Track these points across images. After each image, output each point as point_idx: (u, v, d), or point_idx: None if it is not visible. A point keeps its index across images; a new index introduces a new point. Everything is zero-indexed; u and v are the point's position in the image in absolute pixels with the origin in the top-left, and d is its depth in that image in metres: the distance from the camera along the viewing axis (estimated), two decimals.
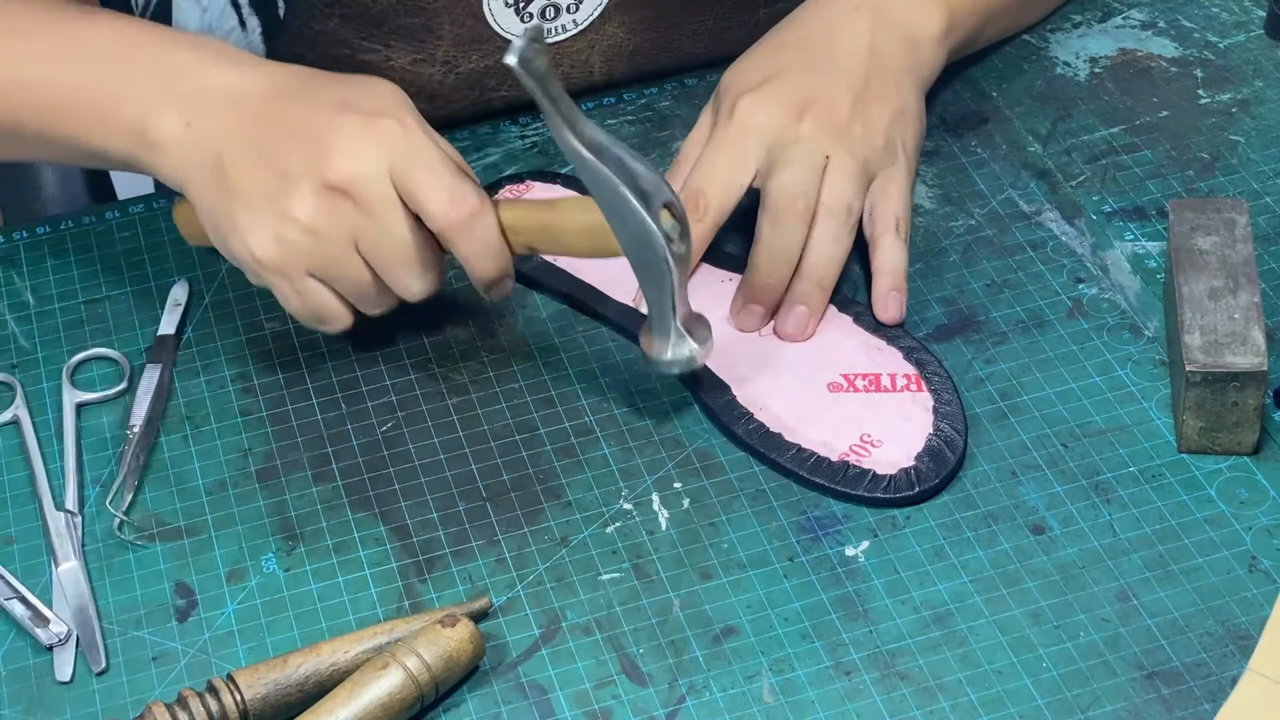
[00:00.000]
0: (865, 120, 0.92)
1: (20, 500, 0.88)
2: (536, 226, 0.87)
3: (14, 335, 0.96)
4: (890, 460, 0.85)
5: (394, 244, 0.84)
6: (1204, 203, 0.91)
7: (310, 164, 0.84)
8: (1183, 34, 1.09)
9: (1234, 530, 0.83)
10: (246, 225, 0.85)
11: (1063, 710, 0.76)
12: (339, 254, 0.85)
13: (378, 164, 0.84)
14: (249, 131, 0.86)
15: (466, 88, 1.03)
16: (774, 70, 0.93)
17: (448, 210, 0.84)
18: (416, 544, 0.85)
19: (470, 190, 0.85)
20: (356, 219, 0.84)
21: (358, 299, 0.87)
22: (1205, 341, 0.84)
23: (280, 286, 0.86)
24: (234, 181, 0.85)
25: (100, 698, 0.80)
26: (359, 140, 0.84)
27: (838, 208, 0.90)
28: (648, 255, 0.83)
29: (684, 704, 0.78)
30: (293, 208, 0.84)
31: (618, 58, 1.05)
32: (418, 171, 0.84)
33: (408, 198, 0.84)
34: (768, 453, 0.86)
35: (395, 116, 0.85)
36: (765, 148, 0.91)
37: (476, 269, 0.86)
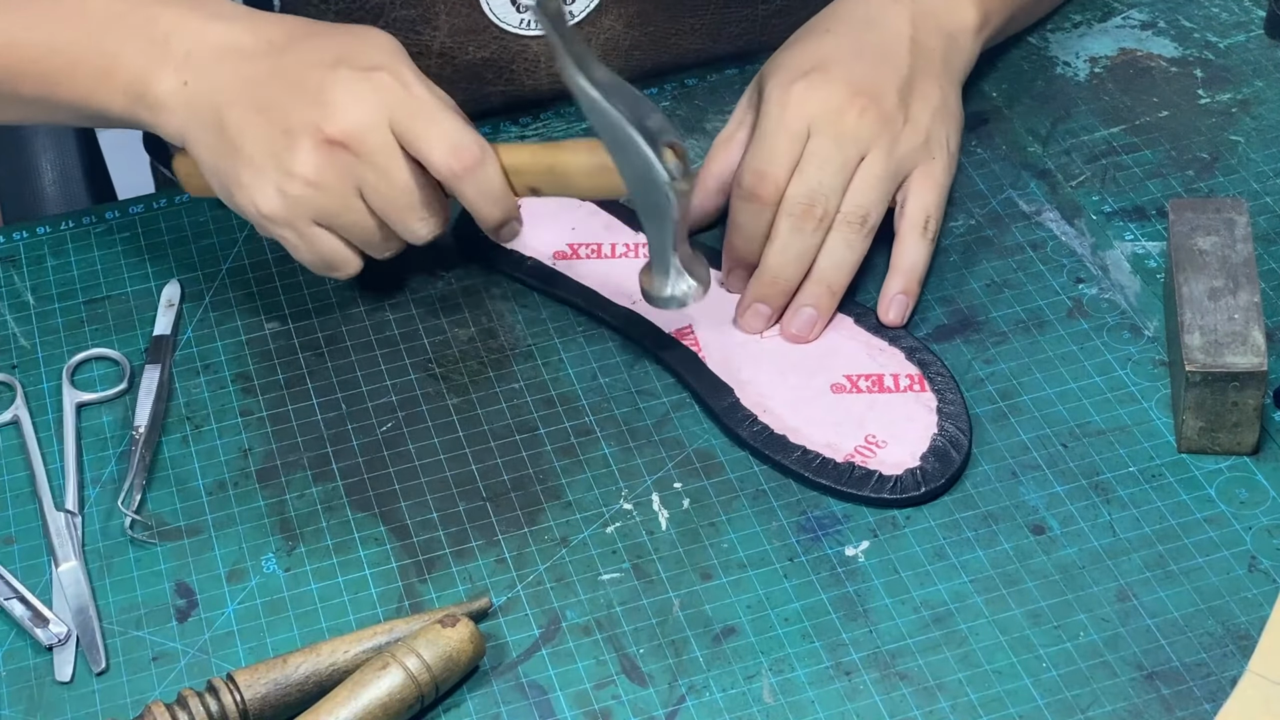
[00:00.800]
0: (909, 115, 0.92)
1: (20, 500, 0.88)
2: (540, 168, 0.88)
3: (14, 335, 0.96)
4: (896, 461, 0.85)
5: (397, 191, 0.86)
6: (1204, 203, 0.91)
7: (310, 119, 0.86)
8: (1183, 34, 1.09)
9: (1234, 530, 0.83)
10: (250, 181, 0.87)
11: (1063, 710, 0.76)
12: (343, 204, 0.87)
13: (377, 115, 0.86)
14: (247, 88, 0.87)
15: (464, 81, 1.03)
16: (822, 58, 0.93)
17: (450, 159, 0.86)
18: (416, 544, 0.85)
19: (471, 138, 0.87)
20: (359, 169, 0.86)
21: (365, 244, 0.89)
22: (1205, 341, 0.85)
23: (288, 237, 0.88)
24: (235, 139, 0.87)
25: (100, 698, 0.80)
26: (357, 93, 0.86)
27: (855, 216, 0.90)
28: (651, 192, 0.85)
29: (684, 704, 0.78)
30: (295, 163, 0.86)
31: (615, 53, 1.05)
32: (417, 122, 0.86)
33: (409, 147, 0.86)
34: (773, 455, 0.86)
35: (391, 68, 0.87)
36: (813, 134, 0.91)
37: (482, 213, 0.88)
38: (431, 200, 0.88)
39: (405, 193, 0.87)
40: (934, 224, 0.92)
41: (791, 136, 0.91)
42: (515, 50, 1.03)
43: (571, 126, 1.06)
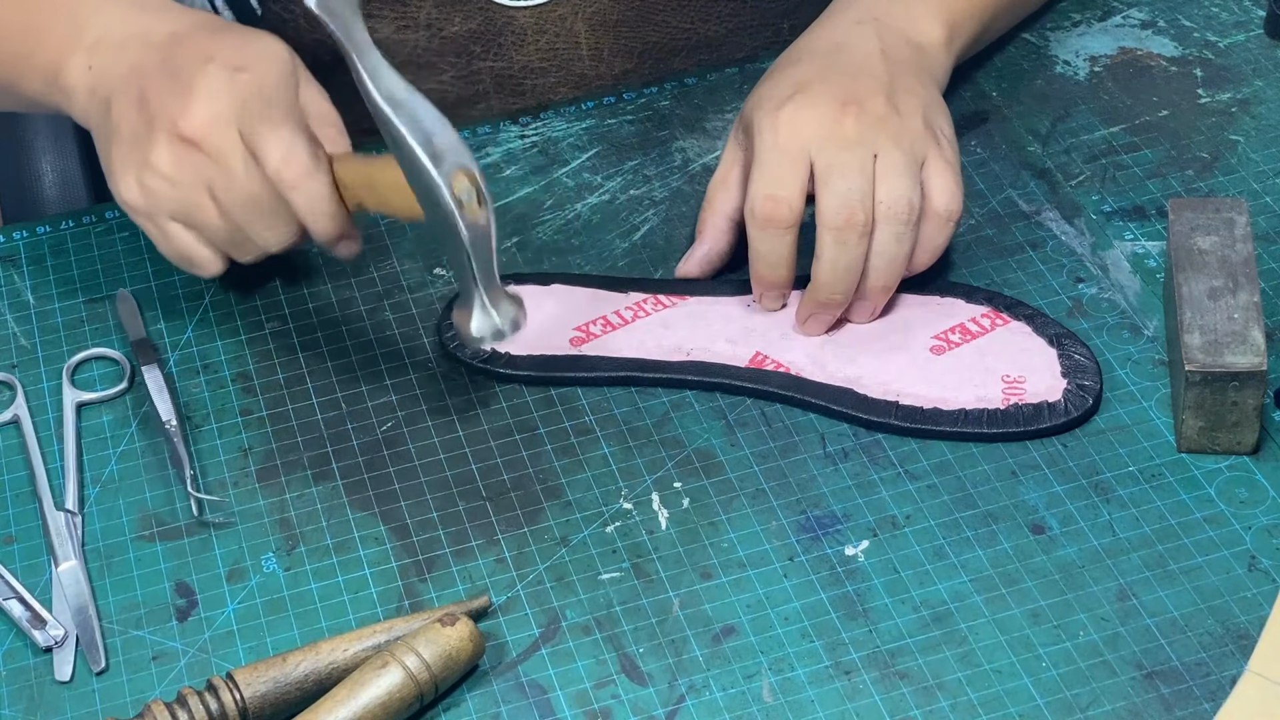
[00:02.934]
0: (900, 111, 0.92)
1: (20, 500, 0.88)
2: (362, 183, 0.87)
3: (14, 335, 0.96)
4: (1046, 388, 0.87)
5: (242, 196, 0.87)
6: (1204, 202, 0.91)
7: (170, 114, 0.87)
8: (1182, 33, 1.09)
9: (1233, 530, 0.83)
10: (118, 169, 0.88)
11: (1062, 709, 0.77)
12: (196, 201, 0.87)
13: (226, 118, 0.86)
14: (134, 76, 0.89)
15: (453, 55, 1.03)
16: (801, 82, 0.93)
17: (279, 168, 0.86)
18: (416, 543, 0.85)
19: (301, 149, 0.86)
20: (209, 169, 0.87)
21: (221, 245, 0.89)
22: (1205, 341, 0.85)
23: (149, 229, 0.90)
24: (115, 124, 0.88)
25: (100, 697, 0.80)
26: (214, 93, 0.86)
27: (900, 207, 0.89)
28: (439, 217, 0.83)
29: (684, 703, 0.78)
30: (152, 155, 0.87)
31: (603, 27, 1.05)
32: (259, 126, 0.86)
33: (250, 151, 0.86)
34: (937, 427, 0.86)
35: (257, 70, 0.87)
36: (815, 152, 0.90)
37: (310, 227, 0.88)
38: (279, 207, 0.87)
39: (249, 196, 0.86)
40: (957, 208, 0.91)
41: (792, 158, 0.90)
42: (502, 22, 1.04)
43: (572, 126, 1.06)
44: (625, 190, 1.02)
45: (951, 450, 0.87)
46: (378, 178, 0.86)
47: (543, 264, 0.98)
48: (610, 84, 1.10)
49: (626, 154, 1.04)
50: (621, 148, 1.05)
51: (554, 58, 1.04)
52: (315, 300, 0.97)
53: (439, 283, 0.97)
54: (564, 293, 0.94)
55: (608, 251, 0.99)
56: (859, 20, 0.97)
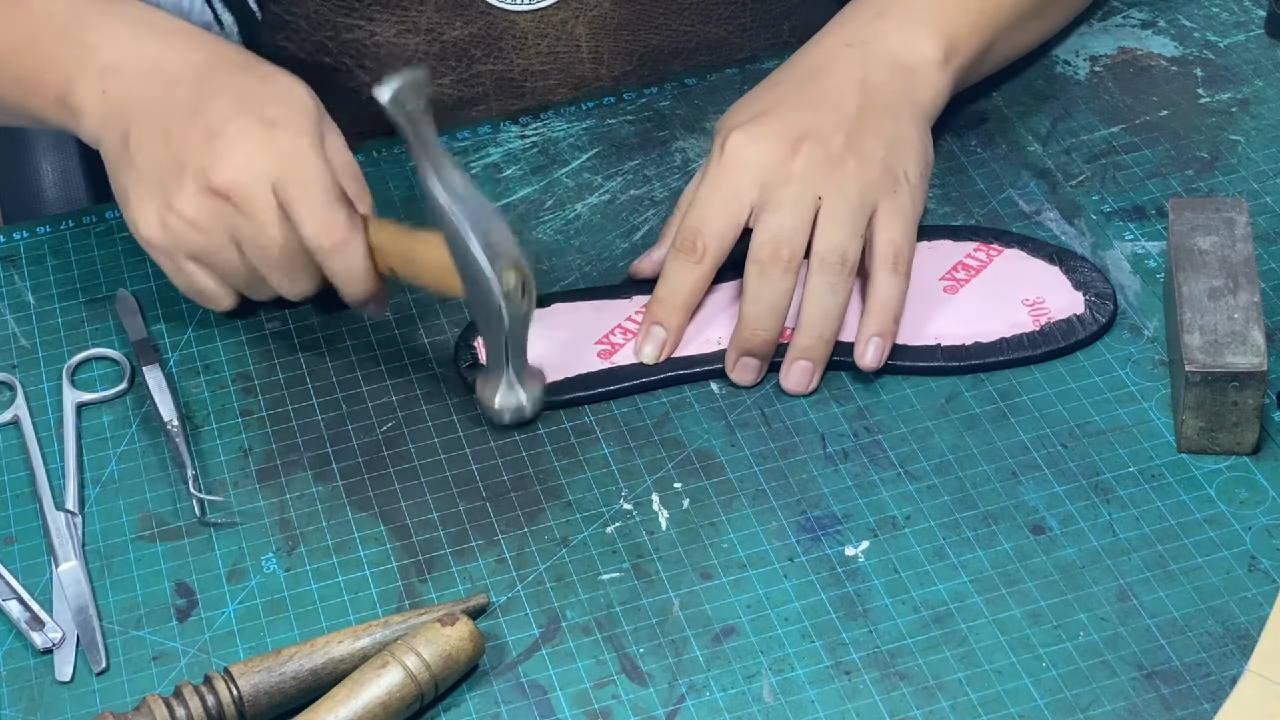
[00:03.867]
0: (859, 153, 0.91)
1: (21, 500, 0.88)
2: (399, 253, 0.89)
3: (14, 335, 0.96)
4: (1067, 304, 0.90)
5: (270, 249, 0.88)
6: (1204, 202, 0.91)
7: (201, 161, 0.87)
8: (1183, 33, 1.09)
9: (1234, 530, 0.83)
10: (137, 202, 0.89)
11: (1062, 710, 0.77)
12: (218, 247, 0.89)
13: (261, 174, 0.87)
14: (157, 109, 0.89)
15: (453, 58, 1.03)
16: (765, 107, 0.93)
17: (318, 235, 0.87)
18: (417, 544, 0.85)
19: (340, 217, 0.87)
20: (237, 221, 0.88)
21: (238, 287, 0.91)
22: (1205, 341, 0.85)
23: (164, 264, 0.91)
24: (134, 155, 0.89)
25: (100, 697, 0.80)
26: (248, 148, 0.87)
27: (832, 258, 0.88)
28: (486, 306, 0.86)
29: (684, 704, 0.78)
30: (178, 200, 0.88)
31: (603, 31, 1.05)
32: (295, 189, 0.87)
33: (285, 212, 0.87)
34: (985, 360, 0.89)
35: (291, 128, 0.88)
36: (757, 186, 0.90)
37: (343, 290, 0.90)
38: (304, 262, 0.89)
39: (279, 252, 0.88)
40: (904, 259, 0.90)
41: (724, 192, 0.90)
42: (503, 26, 1.04)
43: (572, 126, 1.06)
44: (625, 190, 1.02)
45: (952, 451, 0.87)
46: (419, 254, 0.88)
47: (542, 263, 0.98)
48: (610, 86, 1.10)
49: (627, 154, 1.04)
50: (622, 148, 1.05)
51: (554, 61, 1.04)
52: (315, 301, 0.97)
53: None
54: (567, 310, 0.94)
55: (608, 251, 0.99)
56: (848, 43, 0.96)
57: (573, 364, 0.91)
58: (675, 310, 0.90)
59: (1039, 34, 1.06)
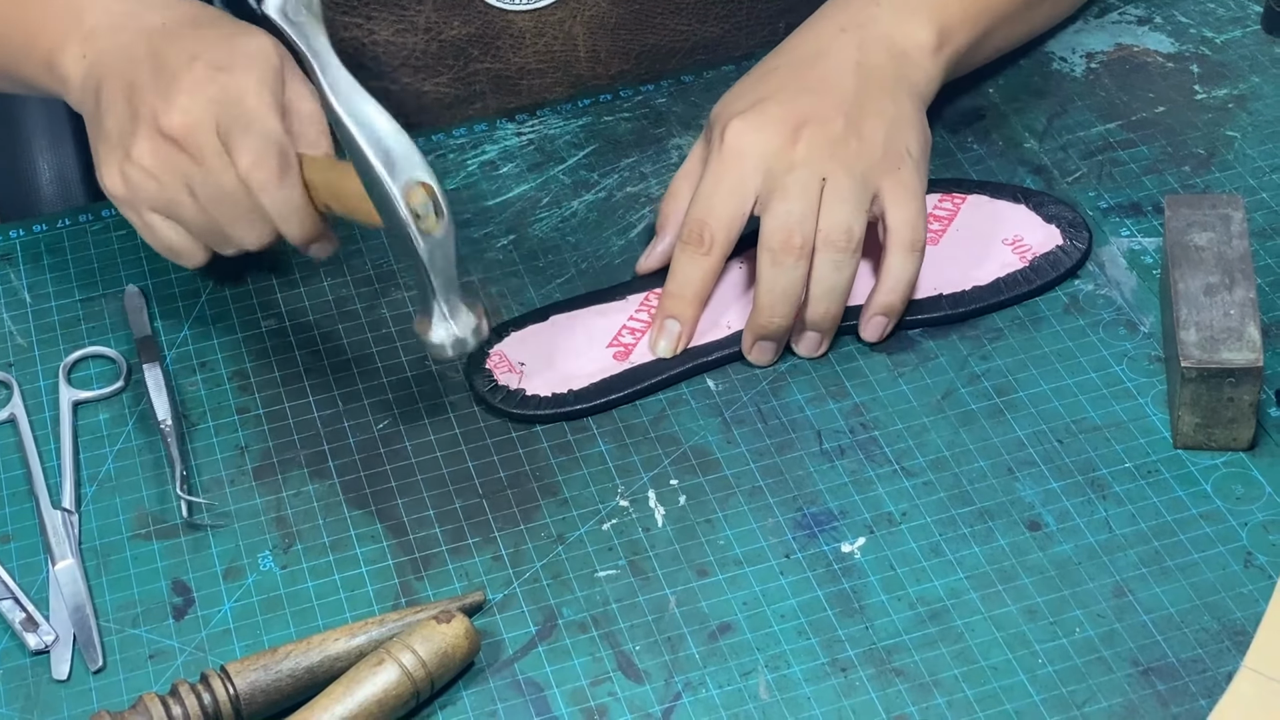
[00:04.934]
0: (860, 134, 0.91)
1: (17, 498, 0.88)
2: (329, 185, 0.87)
3: (10, 333, 0.96)
4: (1044, 239, 0.94)
5: (221, 194, 0.87)
6: (1200, 199, 0.91)
7: (153, 110, 0.88)
8: (1179, 29, 1.09)
9: (1229, 526, 0.83)
10: (103, 159, 0.90)
11: (1058, 706, 0.77)
12: (176, 197, 0.88)
13: (205, 117, 0.87)
14: (124, 66, 0.90)
15: (450, 57, 1.03)
16: (763, 94, 0.93)
17: (249, 170, 0.87)
18: (413, 541, 0.85)
19: (271, 152, 0.86)
20: (187, 166, 0.88)
21: (203, 239, 0.90)
22: (1201, 337, 0.85)
23: (131, 218, 0.91)
24: (102, 113, 0.90)
25: (97, 696, 0.80)
26: (195, 93, 0.87)
27: (837, 235, 0.89)
28: (394, 226, 0.83)
29: (680, 701, 0.78)
30: (134, 149, 0.88)
31: (601, 30, 1.05)
32: (234, 128, 0.87)
33: (227, 152, 0.87)
34: (987, 301, 0.91)
35: (240, 72, 0.88)
36: (761, 174, 0.90)
37: (280, 228, 0.89)
38: (255, 209, 0.88)
39: (229, 196, 0.87)
40: (922, 239, 0.90)
41: (729, 182, 0.90)
42: (500, 26, 1.04)
43: (569, 123, 1.06)
44: (622, 187, 1.02)
45: (948, 447, 0.87)
46: (344, 184, 0.85)
47: (538, 260, 0.98)
48: (607, 85, 1.10)
49: (623, 151, 1.04)
50: (618, 145, 1.05)
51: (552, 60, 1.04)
52: (312, 299, 0.97)
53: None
54: (568, 320, 0.93)
55: (604, 249, 0.99)
56: (843, 27, 0.96)
57: (592, 370, 0.90)
58: (688, 303, 0.91)
59: (1033, 28, 1.06)
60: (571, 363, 0.90)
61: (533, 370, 0.89)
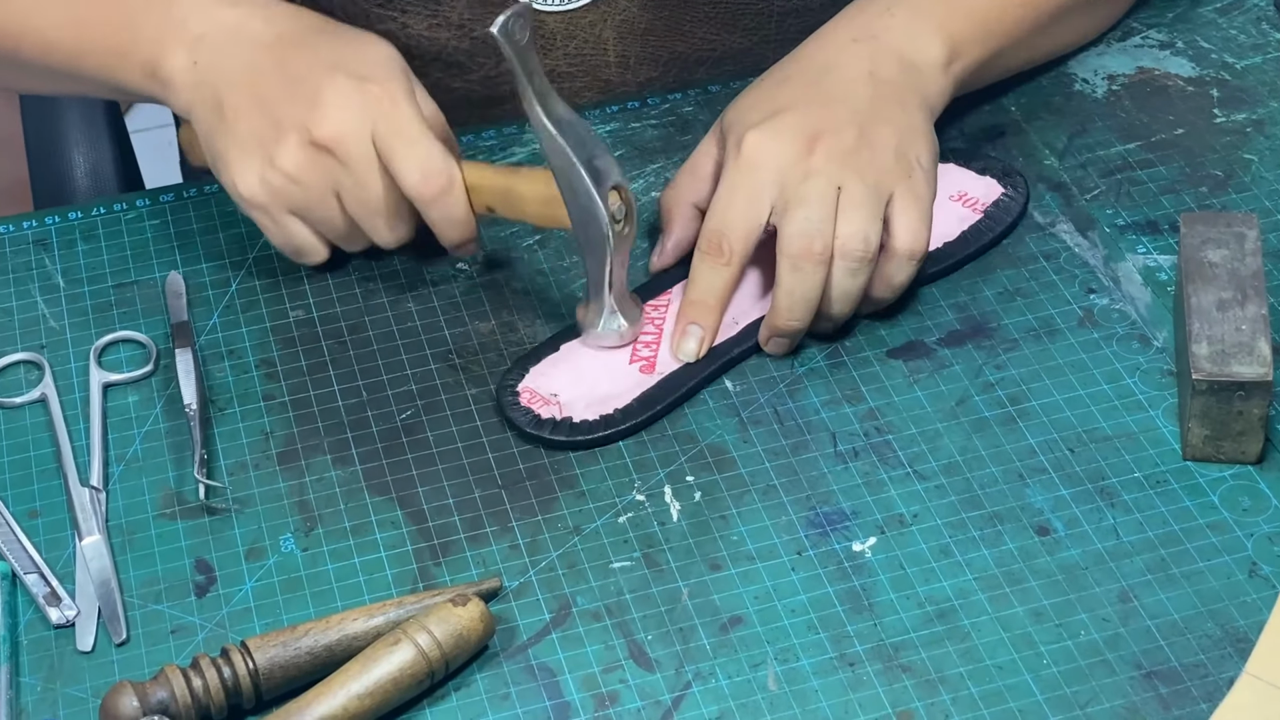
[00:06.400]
0: (872, 143, 0.93)
1: (46, 475, 0.90)
2: (497, 189, 0.92)
3: (44, 316, 0.98)
4: (989, 190, 0.99)
5: (370, 199, 0.92)
6: (1215, 216, 0.92)
7: (300, 118, 0.91)
8: (1200, 54, 1.10)
9: (1236, 536, 0.84)
10: (237, 164, 0.92)
11: (1061, 706, 0.78)
12: (319, 201, 0.92)
13: (361, 127, 0.91)
14: (249, 75, 0.92)
15: (483, 55, 1.05)
16: (778, 106, 0.95)
17: (419, 184, 0.91)
18: (432, 528, 0.86)
19: (440, 165, 0.91)
20: (338, 173, 0.91)
21: (335, 238, 0.94)
22: (1212, 351, 0.86)
23: (262, 220, 0.94)
24: (231, 120, 0.92)
25: (119, 668, 0.81)
26: (347, 103, 0.91)
27: (854, 244, 0.91)
28: (592, 229, 0.89)
29: (690, 690, 0.79)
30: (279, 156, 0.91)
31: (631, 35, 1.07)
32: (395, 141, 0.91)
33: (386, 163, 0.91)
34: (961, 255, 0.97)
35: (384, 82, 0.92)
36: (777, 185, 0.92)
37: (443, 235, 0.94)
38: (403, 210, 0.93)
39: (378, 201, 0.92)
40: (921, 247, 0.92)
41: (750, 194, 0.92)
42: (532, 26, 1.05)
43: (596, 128, 1.07)
44: (647, 192, 1.04)
45: (960, 452, 0.88)
46: (520, 189, 0.92)
47: (564, 260, 0.99)
48: (635, 91, 1.11)
49: (649, 157, 1.06)
50: (645, 151, 1.06)
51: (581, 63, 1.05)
52: (339, 290, 0.98)
53: (461, 277, 0.99)
54: (579, 344, 0.93)
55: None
56: (855, 38, 0.98)
57: (628, 386, 0.91)
58: (710, 310, 0.93)
59: (1045, 51, 1.08)
60: (604, 384, 0.91)
61: (569, 399, 0.90)
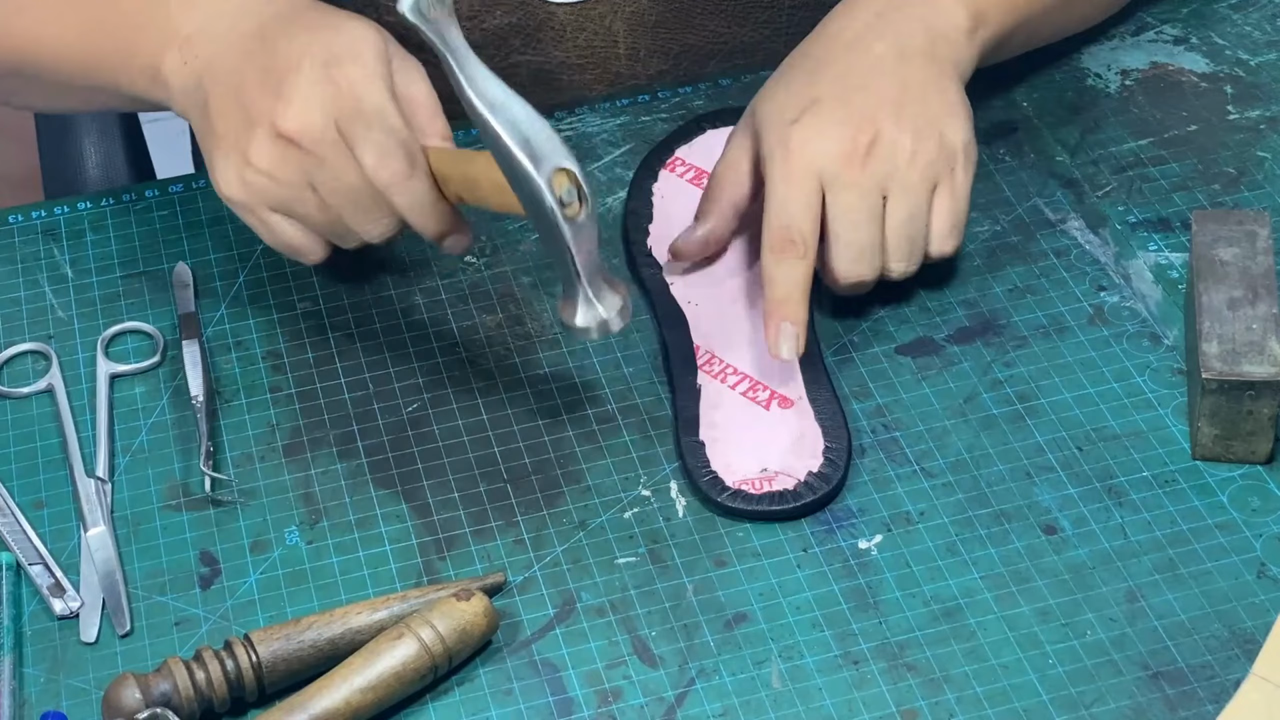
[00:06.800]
0: (915, 130, 0.93)
1: (52, 466, 0.90)
2: (461, 177, 0.87)
3: (52, 306, 0.98)
4: None
5: (345, 190, 0.87)
6: (1227, 214, 0.92)
7: (267, 111, 0.87)
8: (1214, 50, 1.10)
9: (1244, 537, 0.83)
10: (218, 163, 0.89)
11: (1067, 706, 0.77)
12: (297, 195, 0.88)
13: (324, 115, 0.86)
14: (229, 70, 0.89)
15: (491, 47, 1.05)
16: (811, 97, 0.94)
17: (375, 169, 0.86)
18: (437, 522, 0.86)
19: (395, 149, 0.86)
20: (309, 165, 0.87)
21: (325, 235, 0.90)
22: (1223, 350, 0.85)
23: (251, 221, 0.90)
24: (213, 119, 0.89)
25: (122, 659, 0.81)
26: (310, 91, 0.87)
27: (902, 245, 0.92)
28: (540, 216, 0.83)
29: (693, 686, 0.79)
30: (252, 153, 0.88)
31: (641, 28, 1.06)
32: (355, 126, 0.86)
33: (349, 148, 0.87)
34: None
35: (351, 64, 0.87)
36: (826, 185, 0.92)
37: (413, 224, 0.88)
38: (380, 201, 0.88)
39: (352, 192, 0.87)
40: (962, 224, 0.93)
41: (803, 188, 0.91)
42: (541, 17, 1.05)
43: (606, 122, 1.07)
44: None
45: (968, 450, 0.88)
46: (478, 176, 0.86)
47: None
48: (645, 84, 1.11)
49: None
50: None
51: (591, 55, 1.05)
52: (347, 282, 0.98)
53: (469, 270, 0.99)
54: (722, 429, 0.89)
55: None
56: (879, 12, 0.97)
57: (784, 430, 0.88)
58: (796, 304, 0.91)
59: (1069, 23, 1.07)
60: (778, 454, 0.88)
61: (769, 468, 0.87)
